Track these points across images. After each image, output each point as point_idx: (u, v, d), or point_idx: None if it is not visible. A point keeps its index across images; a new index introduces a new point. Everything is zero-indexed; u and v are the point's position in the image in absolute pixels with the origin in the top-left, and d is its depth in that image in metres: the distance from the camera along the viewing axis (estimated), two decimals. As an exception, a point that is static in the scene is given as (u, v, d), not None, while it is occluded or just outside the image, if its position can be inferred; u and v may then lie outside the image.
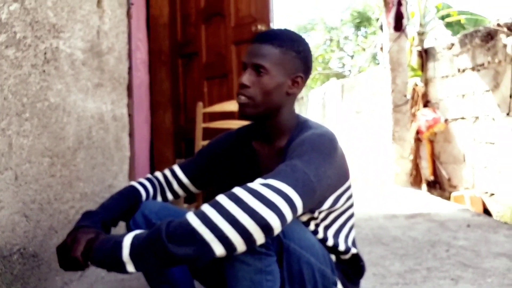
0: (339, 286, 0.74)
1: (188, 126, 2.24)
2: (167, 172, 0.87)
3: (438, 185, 3.39)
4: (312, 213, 0.72)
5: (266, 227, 0.56)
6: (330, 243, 0.75)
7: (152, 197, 0.84)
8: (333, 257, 0.76)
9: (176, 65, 2.36)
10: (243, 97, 0.73)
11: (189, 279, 0.82)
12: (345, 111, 5.02)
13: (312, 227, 0.74)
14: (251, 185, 0.59)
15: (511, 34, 2.52)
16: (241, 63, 0.76)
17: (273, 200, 0.57)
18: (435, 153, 3.42)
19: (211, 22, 2.21)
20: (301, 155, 0.66)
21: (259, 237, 0.57)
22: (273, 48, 0.73)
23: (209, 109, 1.80)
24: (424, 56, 3.51)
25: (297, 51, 0.74)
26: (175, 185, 0.86)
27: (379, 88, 3.84)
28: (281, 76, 0.74)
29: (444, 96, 3.29)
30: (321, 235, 0.74)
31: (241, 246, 0.57)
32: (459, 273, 1.21)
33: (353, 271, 0.79)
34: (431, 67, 3.46)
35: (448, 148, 3.27)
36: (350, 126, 4.86)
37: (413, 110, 3.49)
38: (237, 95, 0.74)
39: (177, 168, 0.87)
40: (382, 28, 3.53)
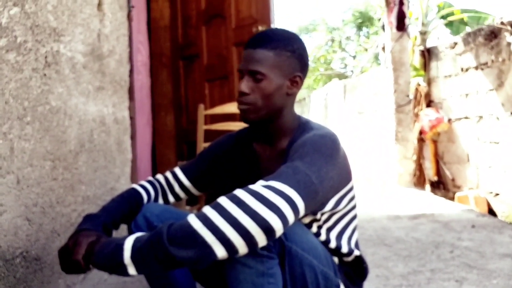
0: (342, 288, 0.73)
1: (190, 128, 2.24)
2: (169, 174, 0.87)
3: (442, 186, 3.37)
4: (314, 215, 0.72)
5: (268, 229, 0.56)
6: (332, 245, 0.74)
7: (153, 199, 0.84)
8: (336, 259, 0.76)
9: (177, 67, 2.37)
10: (244, 105, 0.73)
11: (191, 281, 0.82)
12: (347, 111, 5.00)
13: (314, 229, 0.73)
14: (252, 187, 0.59)
15: (514, 32, 2.50)
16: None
17: (275, 202, 0.57)
18: (438, 153, 3.39)
19: (211, 23, 2.21)
20: (303, 156, 0.65)
21: (261, 239, 0.56)
22: (267, 51, 0.72)
23: (210, 111, 1.80)
24: (426, 55, 3.49)
25: (292, 50, 0.73)
26: (176, 188, 0.86)
27: (382, 88, 3.82)
28: (279, 78, 0.73)
29: (447, 95, 3.27)
30: (323, 237, 0.74)
31: (242, 248, 0.56)
32: (464, 274, 1.20)
33: (356, 273, 0.78)
34: (434, 66, 3.44)
35: (451, 148, 3.24)
36: (352, 126, 4.84)
37: (416, 110, 3.47)
38: (238, 103, 0.74)
39: (178, 170, 0.87)
40: (384, 28, 3.52)
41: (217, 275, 0.79)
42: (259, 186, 0.59)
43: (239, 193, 0.58)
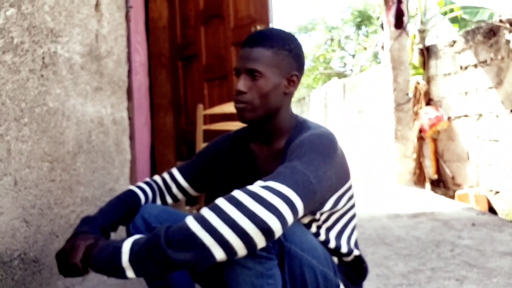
0: (342, 288, 0.73)
1: (189, 128, 2.23)
2: (166, 175, 0.86)
3: (442, 184, 3.37)
4: (313, 215, 0.71)
5: (266, 230, 0.55)
6: (332, 245, 0.74)
7: (151, 201, 0.84)
8: (336, 259, 0.75)
9: (176, 67, 2.36)
10: (241, 103, 0.73)
11: (190, 283, 0.82)
12: (347, 110, 5.00)
13: (313, 229, 0.73)
14: (251, 187, 0.59)
15: (513, 30, 2.50)
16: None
17: (274, 202, 0.57)
18: (438, 151, 3.39)
19: (210, 24, 2.20)
20: (301, 156, 0.65)
21: (260, 241, 0.56)
22: (264, 50, 0.71)
23: (209, 111, 1.80)
24: (425, 54, 3.49)
25: (289, 49, 0.73)
26: (174, 189, 0.86)
27: (381, 87, 3.82)
28: (277, 77, 0.73)
29: (446, 94, 3.27)
30: (323, 237, 0.73)
31: (241, 250, 0.56)
32: (464, 273, 1.20)
33: (355, 273, 0.78)
34: (433, 64, 3.44)
35: (451, 146, 3.24)
36: (352, 125, 4.84)
37: (416, 108, 3.46)
38: (235, 101, 0.74)
39: (175, 171, 0.86)
40: (383, 26, 3.51)
41: (216, 276, 0.78)
42: (257, 186, 0.59)
43: (237, 194, 0.58)
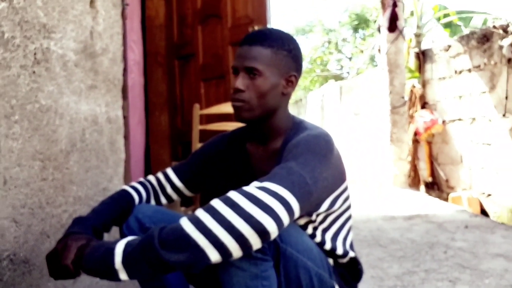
0: (337, 290, 0.72)
1: (185, 128, 2.22)
2: (160, 175, 0.85)
3: (436, 186, 3.39)
4: (309, 216, 0.71)
5: (262, 232, 0.55)
6: (328, 246, 0.73)
7: (145, 201, 0.82)
8: (331, 261, 0.75)
9: (172, 66, 2.35)
10: (238, 102, 0.72)
11: (185, 284, 0.80)
12: (343, 113, 5.02)
13: (310, 230, 0.73)
14: (246, 188, 0.58)
15: (506, 36, 2.53)
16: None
17: (269, 203, 0.56)
18: (433, 154, 3.42)
19: (207, 23, 2.19)
20: (297, 157, 0.64)
21: (255, 242, 0.55)
22: (263, 49, 0.71)
23: (206, 111, 1.79)
24: (421, 57, 3.52)
25: (288, 49, 0.73)
26: (168, 189, 0.84)
27: (377, 90, 3.84)
28: (275, 77, 0.72)
29: (441, 97, 3.30)
30: (318, 238, 0.73)
31: (236, 251, 0.55)
32: (457, 274, 1.20)
33: (351, 275, 0.78)
34: (428, 68, 3.47)
35: (445, 149, 3.27)
36: (348, 128, 4.86)
37: (411, 111, 3.49)
38: (232, 100, 0.73)
39: (170, 171, 0.85)
40: (379, 30, 3.54)
41: (211, 277, 0.77)
42: (253, 187, 0.58)
43: (233, 195, 0.57)
